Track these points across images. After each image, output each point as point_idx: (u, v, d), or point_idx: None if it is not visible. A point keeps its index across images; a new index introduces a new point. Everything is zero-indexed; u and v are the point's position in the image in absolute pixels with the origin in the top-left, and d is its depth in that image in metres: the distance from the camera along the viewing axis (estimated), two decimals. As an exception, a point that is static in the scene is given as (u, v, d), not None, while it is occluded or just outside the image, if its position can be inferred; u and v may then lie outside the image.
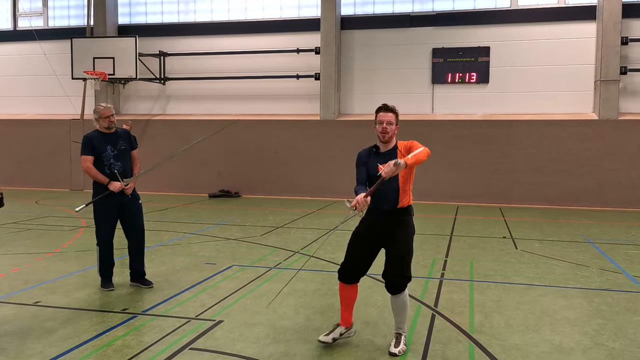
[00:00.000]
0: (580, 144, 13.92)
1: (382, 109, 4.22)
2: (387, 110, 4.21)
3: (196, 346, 4.25)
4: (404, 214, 4.20)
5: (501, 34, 14.81)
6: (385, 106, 4.23)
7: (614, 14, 13.77)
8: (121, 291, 5.80)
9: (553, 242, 9.04)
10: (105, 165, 5.68)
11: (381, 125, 4.17)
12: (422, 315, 5.10)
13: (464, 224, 10.81)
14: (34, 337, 4.42)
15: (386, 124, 4.15)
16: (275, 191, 15.52)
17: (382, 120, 4.17)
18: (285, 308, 5.24)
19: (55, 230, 9.55)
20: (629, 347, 4.34)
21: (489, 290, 5.98)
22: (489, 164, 14.43)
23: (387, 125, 4.15)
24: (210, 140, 15.81)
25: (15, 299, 5.45)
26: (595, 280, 6.46)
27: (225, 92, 16.70)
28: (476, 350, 4.26)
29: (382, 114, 4.20)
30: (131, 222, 5.91)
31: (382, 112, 4.21)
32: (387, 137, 4.18)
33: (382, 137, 4.19)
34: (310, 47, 15.79)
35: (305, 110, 16.05)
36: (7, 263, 7.01)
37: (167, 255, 7.62)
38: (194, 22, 16.93)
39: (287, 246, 8.30)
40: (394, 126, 4.20)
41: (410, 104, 15.24)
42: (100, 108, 5.77)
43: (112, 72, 15.64)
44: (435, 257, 7.70)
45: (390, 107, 4.22)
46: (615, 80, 13.86)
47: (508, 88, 14.83)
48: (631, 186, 13.63)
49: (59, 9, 18.15)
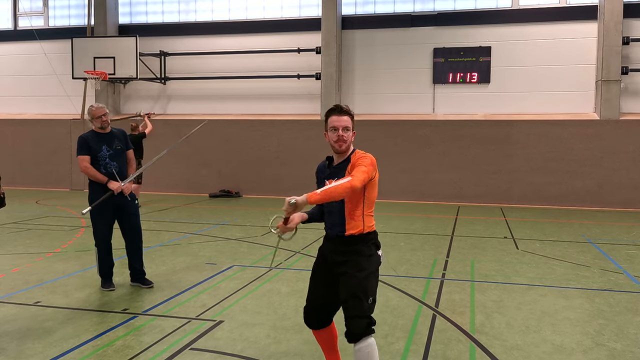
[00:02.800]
0: (581, 144, 13.91)
1: (335, 111, 3.34)
2: (342, 112, 3.33)
3: (197, 346, 4.24)
4: (355, 243, 3.31)
5: (502, 34, 14.79)
6: (338, 108, 3.34)
7: (615, 13, 13.75)
8: (121, 291, 5.79)
9: (554, 242, 9.02)
10: (101, 166, 5.68)
11: (336, 133, 3.29)
12: (423, 315, 5.09)
13: (465, 224, 10.80)
14: (34, 337, 4.41)
15: (342, 131, 3.29)
16: (275, 191, 15.50)
17: (336, 127, 3.30)
18: (286, 308, 5.23)
19: (55, 230, 9.55)
20: (630, 348, 4.33)
21: (490, 290, 5.97)
22: (490, 164, 14.41)
23: (344, 132, 3.29)
24: (210, 140, 15.93)
25: (15, 299, 5.44)
26: (596, 281, 6.45)
27: (225, 92, 16.70)
28: (477, 350, 4.25)
29: (334, 118, 3.32)
30: (128, 222, 5.91)
31: (335, 115, 3.33)
32: (343, 147, 3.32)
33: (337, 147, 3.32)
34: (311, 46, 15.78)
35: (305, 110, 16.04)
36: (7, 263, 7.00)
37: (168, 255, 7.61)
38: (194, 21, 16.93)
39: (287, 246, 8.29)
40: (351, 132, 3.34)
41: (411, 103, 15.24)
42: (93, 108, 5.76)
43: (112, 72, 15.64)
44: (436, 257, 7.69)
45: (345, 108, 3.35)
46: (617, 80, 13.84)
47: (509, 88, 14.82)
48: (632, 186, 13.61)
49: (59, 9, 18.15)
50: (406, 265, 7.12)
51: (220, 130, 15.94)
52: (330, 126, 3.34)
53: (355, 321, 3.13)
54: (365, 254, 3.31)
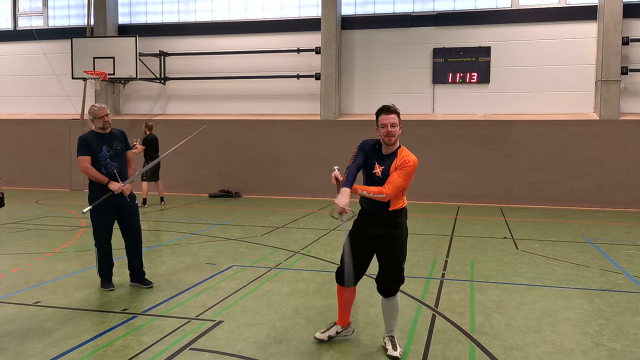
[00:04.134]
0: (581, 144, 13.91)
1: (384, 110, 4.05)
2: (390, 111, 4.03)
3: (196, 346, 4.24)
4: (395, 216, 4.11)
5: (502, 34, 14.80)
6: (387, 108, 4.05)
7: (615, 14, 13.75)
8: (121, 291, 5.79)
9: (554, 242, 9.03)
10: (101, 166, 5.68)
11: (385, 129, 4.01)
12: (422, 315, 5.09)
13: (465, 224, 10.80)
14: (34, 337, 4.41)
15: (390, 127, 4.00)
16: (275, 191, 15.51)
17: (385, 124, 4.01)
18: (286, 308, 5.23)
19: (55, 230, 9.54)
20: (629, 348, 4.33)
21: (490, 290, 5.97)
22: (489, 164, 14.42)
23: (392, 128, 4.00)
24: (210, 140, 15.93)
25: (15, 299, 5.44)
26: (596, 281, 6.45)
27: (225, 92, 16.69)
28: (477, 350, 4.25)
29: (384, 117, 4.03)
30: (128, 222, 5.91)
31: (383, 114, 4.04)
32: (392, 140, 4.04)
33: (388, 140, 4.04)
34: (311, 47, 15.78)
35: (305, 110, 16.04)
36: (7, 263, 7.00)
37: (167, 255, 7.61)
38: (194, 21, 16.92)
39: (287, 246, 8.29)
40: (398, 127, 4.04)
41: (410, 104, 15.24)
42: (95, 108, 5.76)
43: (112, 72, 15.63)
44: (436, 257, 7.69)
45: (392, 107, 4.05)
46: (616, 80, 13.84)
47: (509, 88, 14.82)
48: (632, 186, 13.61)
49: (59, 9, 18.14)
50: (406, 265, 7.08)
51: (220, 130, 15.94)
52: (380, 123, 4.04)
53: (394, 284, 4.12)
54: (403, 227, 4.17)
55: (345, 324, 4.42)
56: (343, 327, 4.42)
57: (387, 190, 3.93)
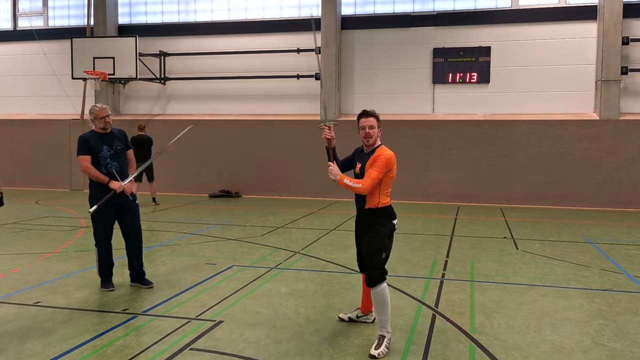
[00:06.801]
0: (581, 144, 13.91)
1: (363, 115, 4.47)
2: (368, 115, 4.46)
3: (196, 346, 4.24)
4: (373, 215, 4.45)
5: (502, 34, 14.80)
6: (365, 112, 4.48)
7: (615, 13, 13.76)
8: (121, 291, 5.79)
9: (554, 242, 9.02)
10: (102, 166, 5.68)
11: (364, 131, 4.43)
12: (422, 315, 5.09)
13: (465, 224, 10.80)
14: (34, 337, 4.41)
15: (368, 129, 4.41)
16: (275, 191, 15.51)
17: (364, 126, 4.43)
18: (286, 308, 5.23)
19: (55, 230, 9.54)
20: (629, 348, 4.33)
21: (490, 290, 5.97)
22: (489, 164, 14.42)
23: (370, 130, 4.42)
24: (210, 140, 15.94)
25: (15, 299, 5.44)
26: (596, 281, 6.45)
27: (225, 92, 16.70)
28: (477, 350, 4.25)
29: (363, 120, 4.45)
30: (129, 222, 5.91)
31: (363, 117, 4.47)
32: (370, 141, 4.45)
33: (366, 141, 4.48)
34: (311, 47, 15.78)
35: (305, 110, 16.04)
36: (7, 263, 7.00)
37: (167, 255, 7.61)
38: (194, 22, 16.92)
39: (287, 246, 8.29)
40: (376, 129, 4.44)
41: (410, 104, 15.24)
42: (96, 109, 5.76)
43: (112, 72, 15.63)
44: (436, 257, 7.69)
45: (370, 112, 4.47)
46: (616, 80, 13.84)
47: (509, 88, 14.82)
48: (632, 186, 13.61)
49: (59, 9, 18.14)
50: (406, 265, 7.12)
51: (220, 130, 15.94)
52: (360, 126, 4.45)
53: (371, 271, 4.33)
54: (380, 223, 4.42)
55: (366, 310, 4.87)
56: (364, 313, 4.87)
57: (364, 181, 4.30)
